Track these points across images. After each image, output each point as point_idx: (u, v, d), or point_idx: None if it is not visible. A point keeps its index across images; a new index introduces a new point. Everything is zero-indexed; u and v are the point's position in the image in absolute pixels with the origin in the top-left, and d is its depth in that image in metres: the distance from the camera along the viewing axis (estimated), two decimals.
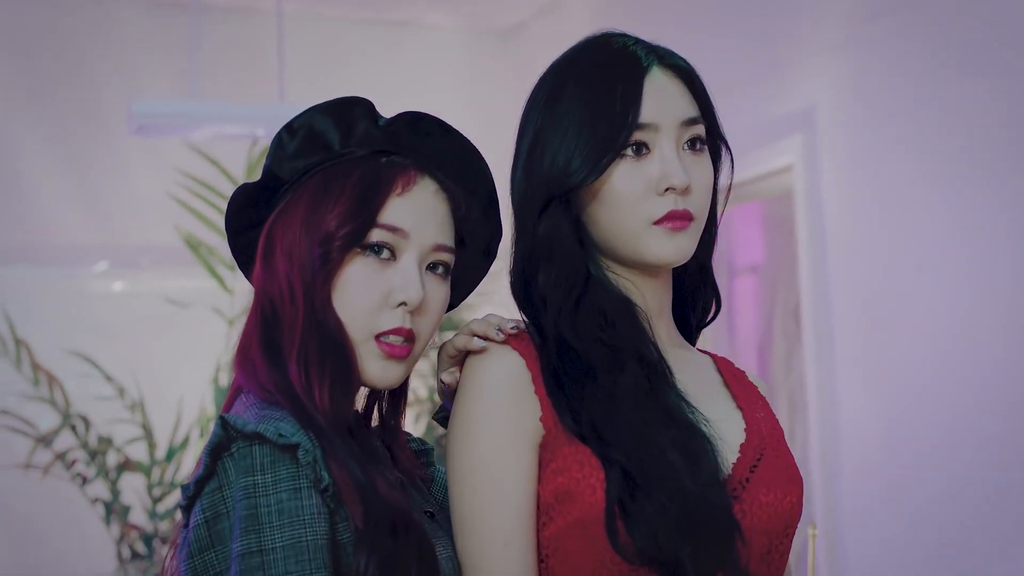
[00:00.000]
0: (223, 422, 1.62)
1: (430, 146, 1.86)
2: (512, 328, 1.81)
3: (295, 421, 1.65)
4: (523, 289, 1.87)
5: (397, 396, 1.93)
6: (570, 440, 1.73)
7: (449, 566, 1.73)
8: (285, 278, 1.77)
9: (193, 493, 1.64)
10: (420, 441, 2.02)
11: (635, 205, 1.82)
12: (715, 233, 1.96)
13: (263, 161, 4.91)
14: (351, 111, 1.85)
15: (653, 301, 1.90)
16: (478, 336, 1.80)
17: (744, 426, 1.87)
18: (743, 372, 2.02)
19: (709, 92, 1.90)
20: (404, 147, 1.85)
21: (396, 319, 1.76)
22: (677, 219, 1.82)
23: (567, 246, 1.85)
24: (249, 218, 1.87)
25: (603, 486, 1.69)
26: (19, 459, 5.31)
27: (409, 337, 1.77)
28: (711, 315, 2.02)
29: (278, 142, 1.85)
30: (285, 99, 5.35)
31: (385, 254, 1.78)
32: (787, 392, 5.86)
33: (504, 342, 1.79)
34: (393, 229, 1.78)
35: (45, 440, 5.11)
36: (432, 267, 1.82)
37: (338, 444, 1.66)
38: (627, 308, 1.87)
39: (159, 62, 6.00)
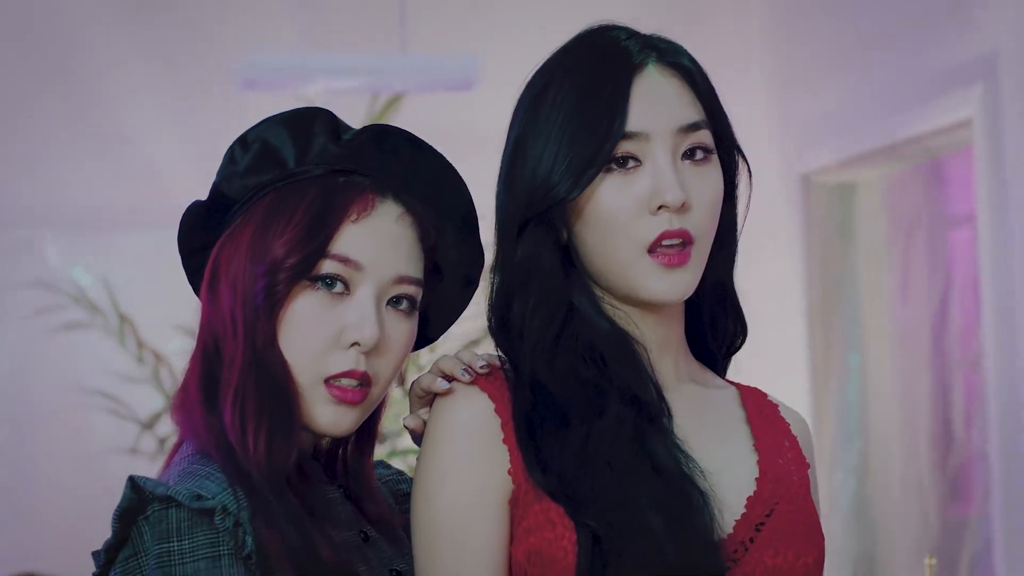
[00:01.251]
0: (131, 484, 1.53)
1: (396, 165, 1.74)
2: (482, 366, 1.67)
3: (224, 477, 1.57)
4: (500, 321, 1.72)
5: (364, 437, 1.77)
6: (540, 496, 1.61)
7: None
8: (228, 311, 1.65)
9: (105, 561, 1.56)
10: (404, 479, 1.89)
11: (624, 227, 1.66)
12: (735, 250, 1.79)
13: (384, 116, 4.70)
14: (310, 124, 1.73)
15: (655, 334, 1.74)
16: (444, 376, 1.66)
17: (757, 474, 1.71)
18: (775, 406, 1.83)
19: (719, 91, 1.73)
20: (366, 166, 1.72)
21: (348, 361, 1.64)
22: (673, 249, 1.66)
23: (547, 271, 1.70)
24: (200, 239, 1.75)
25: (575, 550, 1.58)
26: (122, 443, 5.13)
27: (364, 381, 1.65)
28: (738, 342, 1.85)
29: (230, 156, 1.73)
30: (407, 49, 5.12)
31: (338, 287, 1.66)
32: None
33: (472, 383, 1.66)
34: (346, 260, 1.66)
35: (148, 425, 4.98)
36: (394, 301, 1.69)
37: (272, 503, 1.56)
38: (618, 342, 1.71)
39: (271, 12, 5.82)
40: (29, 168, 5.62)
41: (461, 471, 1.64)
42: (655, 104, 1.68)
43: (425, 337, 1.81)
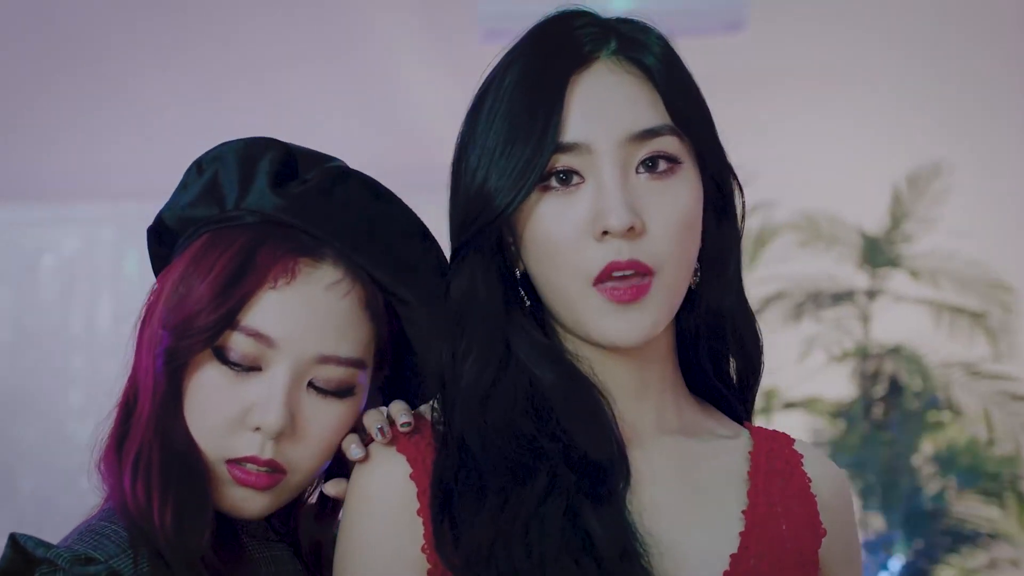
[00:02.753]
0: (12, 542, 1.45)
1: (345, 219, 1.55)
2: (404, 423, 1.50)
3: (126, 537, 1.47)
4: (435, 366, 1.53)
5: (325, 501, 1.61)
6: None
7: None
8: (144, 363, 1.54)
9: None
10: None
11: (567, 255, 1.47)
12: (733, 274, 1.57)
13: None
14: (257, 160, 1.56)
15: (628, 378, 1.54)
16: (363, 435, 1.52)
17: (734, 550, 1.51)
18: (799, 457, 1.62)
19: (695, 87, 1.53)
20: (307, 219, 1.54)
21: (252, 445, 1.51)
22: (626, 283, 1.45)
23: (484, 306, 1.51)
24: (158, 265, 1.64)
25: None
26: None
27: (272, 467, 1.52)
28: (748, 380, 1.64)
29: (183, 181, 1.60)
30: None
31: (244, 365, 1.51)
32: None
33: (391, 443, 1.50)
34: (256, 335, 1.50)
35: None
36: (318, 385, 1.53)
37: (180, 571, 1.46)
38: (568, 393, 1.51)
39: None
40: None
41: (373, 547, 1.48)
42: (599, 109, 1.47)
43: None
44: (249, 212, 1.56)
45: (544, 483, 1.47)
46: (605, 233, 1.45)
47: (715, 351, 1.63)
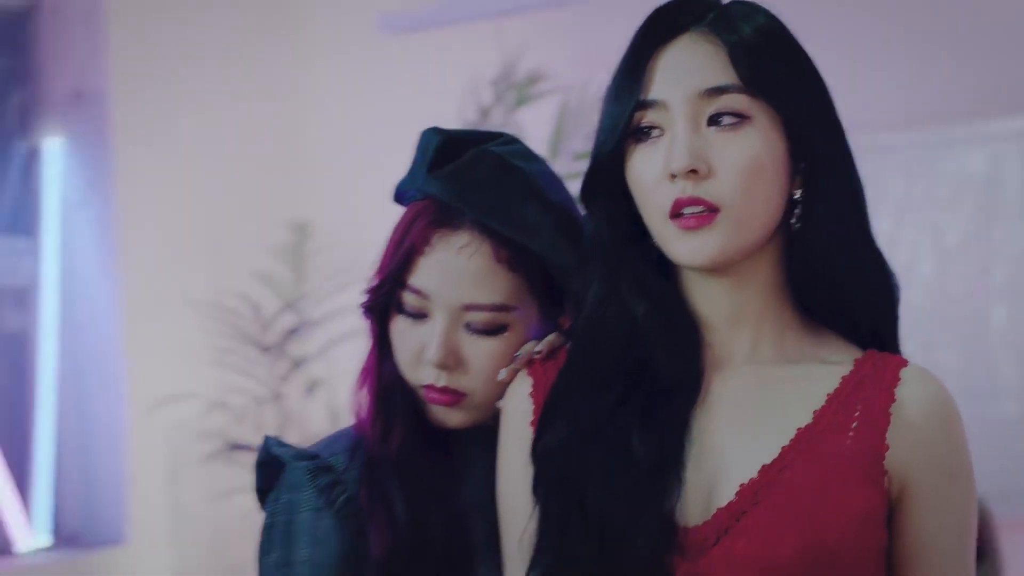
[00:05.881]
0: (265, 443, 1.90)
1: (477, 193, 1.87)
2: (536, 351, 1.81)
3: (348, 447, 1.88)
4: (575, 297, 1.82)
5: None
6: None
7: None
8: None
9: (260, 500, 1.91)
10: None
11: (650, 195, 1.70)
12: (840, 215, 1.72)
13: None
14: (425, 146, 1.91)
15: (725, 307, 1.74)
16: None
17: (767, 460, 1.68)
18: (897, 381, 1.73)
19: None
20: (450, 194, 1.87)
21: (430, 376, 1.85)
22: (688, 214, 1.67)
23: (606, 245, 1.76)
24: None
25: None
26: None
27: (447, 392, 1.85)
28: (860, 316, 1.77)
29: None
30: None
31: (417, 313, 1.87)
32: None
33: (528, 365, 1.81)
34: (418, 292, 1.85)
35: None
36: (470, 326, 1.85)
37: (381, 474, 1.84)
38: (659, 320, 1.73)
39: None
40: None
41: (509, 452, 1.78)
42: (676, 72, 1.69)
43: None
44: (416, 191, 1.90)
45: (617, 397, 1.70)
46: (674, 176, 1.66)
47: (833, 285, 1.77)
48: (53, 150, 5.12)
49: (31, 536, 4.88)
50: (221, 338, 5.04)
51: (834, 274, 1.74)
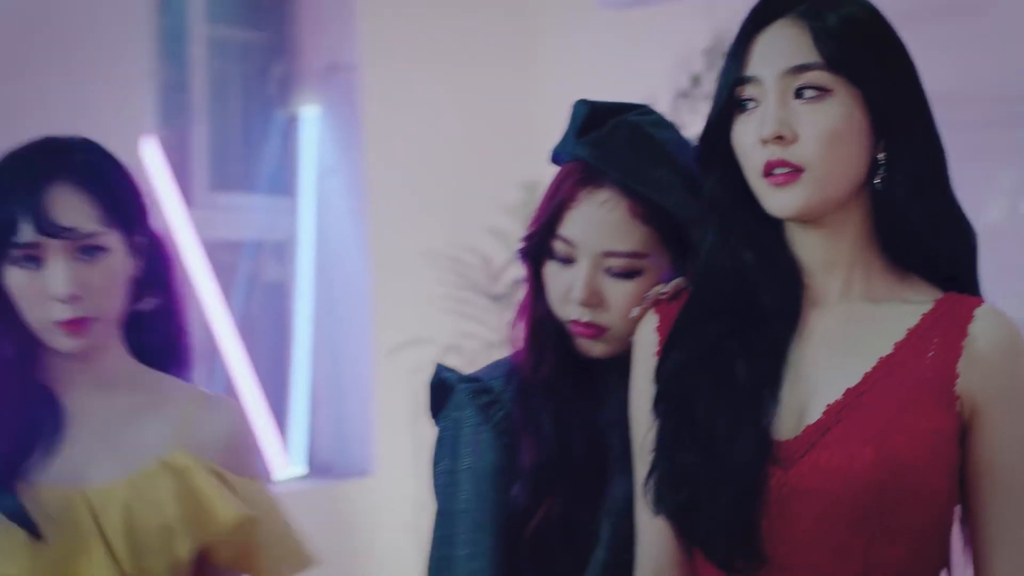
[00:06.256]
0: (436, 369, 2.17)
1: (619, 156, 2.09)
2: (661, 292, 2.02)
3: (506, 372, 2.13)
4: (697, 246, 2.02)
5: None
6: None
7: (619, 503, 2.04)
8: None
9: (433, 418, 2.17)
10: None
11: (748, 157, 1.89)
12: (918, 175, 1.91)
13: None
14: (576, 115, 2.15)
15: (819, 254, 1.93)
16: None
17: (852, 384, 1.88)
18: (970, 318, 1.90)
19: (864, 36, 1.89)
20: (594, 158, 2.09)
21: (575, 312, 2.08)
22: (777, 172, 1.86)
23: (719, 202, 1.95)
24: None
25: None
26: None
27: (590, 327, 2.08)
28: (956, 259, 1.95)
29: None
30: None
31: (567, 258, 2.10)
32: None
33: (656, 305, 2.02)
34: (566, 240, 2.09)
35: None
36: (610, 270, 2.08)
37: (533, 396, 2.10)
38: (763, 266, 1.94)
39: None
40: None
41: (635, 377, 2.00)
42: (769, 51, 1.88)
43: None
44: (567, 154, 2.13)
45: (726, 330, 1.91)
46: (765, 141, 1.85)
47: (915, 235, 1.94)
48: (310, 117, 5.47)
49: (288, 466, 5.23)
50: (456, 288, 5.27)
51: (915, 226, 1.92)
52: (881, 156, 1.90)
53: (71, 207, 1.98)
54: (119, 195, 2.04)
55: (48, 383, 2.05)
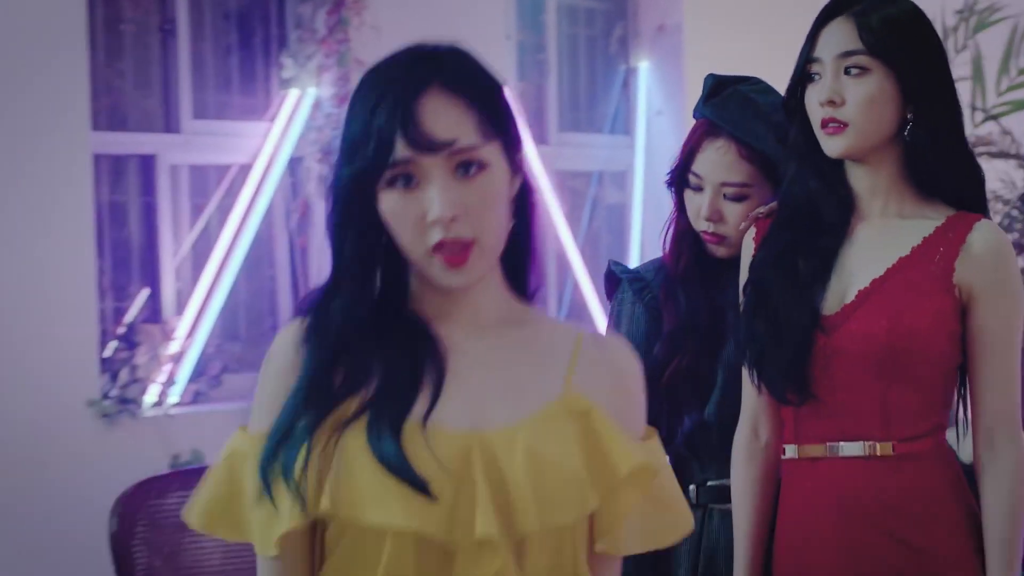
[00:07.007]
0: (608, 264, 2.75)
1: (727, 114, 2.59)
2: (760, 212, 2.50)
3: (656, 267, 2.71)
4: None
5: None
6: None
7: (730, 359, 2.56)
8: None
9: (608, 299, 2.77)
10: None
11: (813, 115, 2.38)
12: (935, 125, 2.36)
13: None
14: (705, 83, 2.68)
15: (864, 182, 2.41)
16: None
17: (877, 275, 2.36)
18: (970, 229, 2.36)
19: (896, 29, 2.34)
20: (713, 115, 2.60)
21: (704, 225, 2.62)
22: (831, 126, 2.34)
23: (797, 145, 2.42)
24: None
25: None
26: None
27: (714, 236, 2.62)
28: (964, 185, 2.41)
29: None
30: None
31: (697, 187, 2.63)
32: None
33: (756, 221, 2.49)
34: (696, 175, 2.61)
35: None
36: (727, 195, 2.59)
37: (673, 283, 2.65)
38: (820, 193, 2.41)
39: None
40: None
41: (741, 273, 2.47)
42: (828, 40, 2.35)
43: None
44: (699, 113, 2.65)
45: (795, 237, 2.39)
46: (822, 104, 2.33)
47: (937, 173, 2.38)
48: (643, 71, 6.33)
49: None
50: None
51: (934, 166, 2.38)
52: (910, 116, 2.38)
53: (447, 117, 1.63)
54: (498, 104, 1.70)
55: (427, 320, 1.71)
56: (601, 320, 5.83)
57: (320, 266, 5.26)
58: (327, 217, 1.70)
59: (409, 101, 1.63)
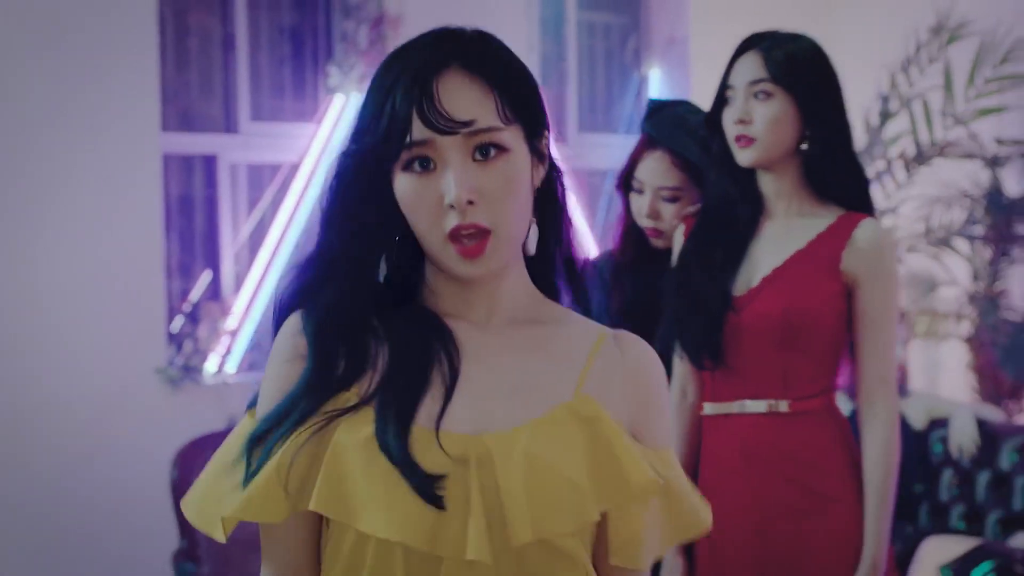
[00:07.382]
0: None
1: (660, 129, 2.96)
2: (690, 211, 2.88)
3: (607, 257, 3.10)
4: None
5: None
6: None
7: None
8: None
9: None
10: None
11: (728, 131, 2.69)
12: (825, 141, 2.68)
13: None
14: (648, 104, 3.10)
15: (771, 187, 2.75)
16: None
17: (778, 265, 2.69)
18: (854, 228, 2.68)
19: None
20: (653, 130, 2.98)
21: (646, 222, 3.00)
22: (741, 140, 2.68)
23: (717, 154, 2.76)
24: None
25: None
26: None
27: (654, 230, 3.01)
28: (851, 189, 2.73)
29: None
30: None
31: (639, 190, 3.01)
32: None
33: (686, 219, 2.88)
34: (637, 179, 2.99)
35: None
36: (664, 197, 2.97)
37: (620, 269, 3.04)
38: (741, 196, 2.74)
39: None
40: None
41: (672, 261, 2.89)
42: (740, 69, 2.68)
43: None
44: (640, 129, 3.02)
45: (713, 232, 2.76)
46: (734, 122, 2.69)
47: (828, 181, 2.69)
48: (654, 78, 6.64)
49: None
50: None
51: (828, 174, 2.69)
52: (807, 133, 2.70)
53: (465, 98, 1.53)
54: (521, 88, 1.58)
55: (441, 315, 1.60)
56: None
57: None
58: (326, 195, 1.59)
59: (427, 80, 1.53)
